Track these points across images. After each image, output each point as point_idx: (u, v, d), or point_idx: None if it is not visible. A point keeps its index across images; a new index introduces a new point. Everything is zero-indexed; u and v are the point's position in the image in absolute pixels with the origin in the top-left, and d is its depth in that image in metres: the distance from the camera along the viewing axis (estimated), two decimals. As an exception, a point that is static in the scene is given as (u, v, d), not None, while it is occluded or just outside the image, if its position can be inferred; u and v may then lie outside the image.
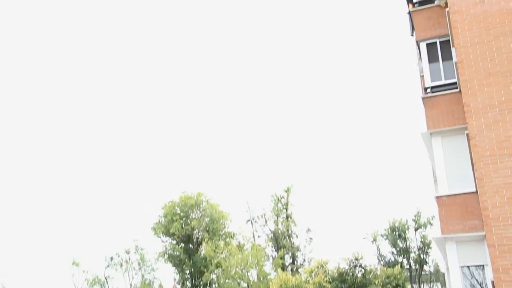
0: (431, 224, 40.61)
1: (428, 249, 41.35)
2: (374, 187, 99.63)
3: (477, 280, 16.57)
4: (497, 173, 13.53)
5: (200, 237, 43.81)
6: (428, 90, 17.32)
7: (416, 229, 41.61)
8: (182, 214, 43.83)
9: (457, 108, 15.96)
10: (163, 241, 44.13)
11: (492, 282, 13.49)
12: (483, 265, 15.76)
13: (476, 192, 14.79)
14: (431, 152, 17.39)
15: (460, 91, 15.69)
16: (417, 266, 41.92)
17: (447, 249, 16.05)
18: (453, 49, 15.99)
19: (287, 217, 44.20)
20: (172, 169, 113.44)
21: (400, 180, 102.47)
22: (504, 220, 13.08)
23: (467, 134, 14.84)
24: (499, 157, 13.60)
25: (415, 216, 41.65)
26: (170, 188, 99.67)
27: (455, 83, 16.67)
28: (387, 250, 42.42)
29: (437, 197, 16.37)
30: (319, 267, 30.68)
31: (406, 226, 41.53)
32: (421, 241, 41.45)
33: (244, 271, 38.99)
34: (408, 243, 41.57)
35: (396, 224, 41.51)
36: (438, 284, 45.71)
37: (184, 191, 45.21)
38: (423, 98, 16.97)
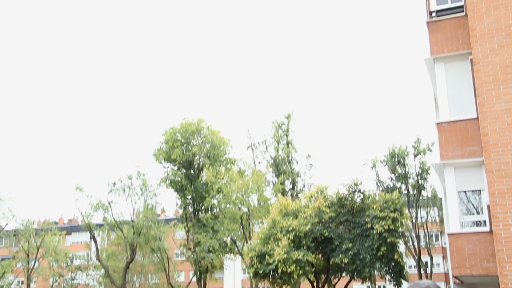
0: (430, 151, 40.90)
1: (426, 175, 41.83)
2: (375, 113, 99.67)
3: (473, 205, 16.90)
4: (499, 98, 13.44)
5: (201, 163, 44.24)
6: (433, 14, 16.88)
7: (415, 156, 41.92)
8: (183, 140, 44.01)
9: (462, 32, 15.62)
10: (164, 167, 44.64)
11: (488, 206, 13.74)
12: (480, 190, 16.02)
13: (477, 118, 14.78)
14: (434, 78, 17.23)
15: (466, 15, 15.30)
16: (415, 191, 42.60)
17: (445, 174, 16.26)
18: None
19: (287, 144, 44.47)
20: (173, 96, 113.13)
21: (401, 107, 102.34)
22: (503, 145, 13.13)
23: (471, 60, 14.63)
24: (502, 83, 13.45)
25: (415, 142, 41.86)
26: (171, 114, 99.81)
27: (462, 6, 16.22)
28: (386, 176, 42.99)
29: (438, 124, 16.38)
30: (319, 192, 31.09)
31: (406, 153, 41.80)
32: (420, 167, 41.87)
33: (244, 196, 39.64)
34: (407, 169, 42.01)
35: (396, 151, 41.77)
36: (435, 209, 46.72)
37: (185, 117, 45.21)
38: (428, 23, 16.59)
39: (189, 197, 44.49)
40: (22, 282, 55.67)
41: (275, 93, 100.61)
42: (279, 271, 27.88)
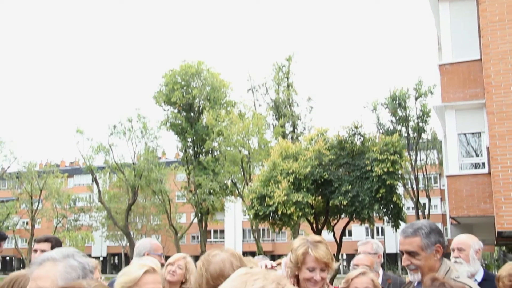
0: (432, 93, 40.52)
1: (427, 117, 41.63)
2: (377, 55, 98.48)
3: (472, 147, 16.91)
4: (504, 39, 13.15)
5: (201, 106, 44.05)
6: (439, -50, 16.32)
7: (416, 98, 41.59)
8: (183, 83, 43.65)
9: (468, -30, 15.15)
10: (164, 110, 44.49)
11: (487, 148, 13.72)
12: (480, 133, 15.99)
13: (480, 59, 14.55)
14: (438, 19, 16.88)
15: (472, -49, 14.78)
16: (415, 134, 42.54)
17: (446, 117, 16.19)
18: None
19: (288, 86, 44.08)
20: (173, 38, 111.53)
21: (404, 49, 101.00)
22: (505, 87, 12.95)
23: (476, -1, 14.22)
24: (508, 22, 13.12)
25: (416, 85, 41.42)
26: (171, 57, 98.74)
27: None
28: (387, 119, 42.81)
29: (440, 65, 16.17)
30: (319, 135, 31.03)
31: (407, 95, 41.43)
32: (421, 110, 41.62)
33: (245, 139, 39.66)
34: (407, 112, 41.77)
35: (397, 93, 41.40)
36: (435, 151, 46.87)
37: (185, 59, 44.69)
38: (432, -40, 16.06)
39: (190, 140, 44.60)
40: (27, 223, 56.69)
41: (276, 35, 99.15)
42: (279, 212, 28.25)
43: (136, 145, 44.44)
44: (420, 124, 42.39)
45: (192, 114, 44.27)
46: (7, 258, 65.10)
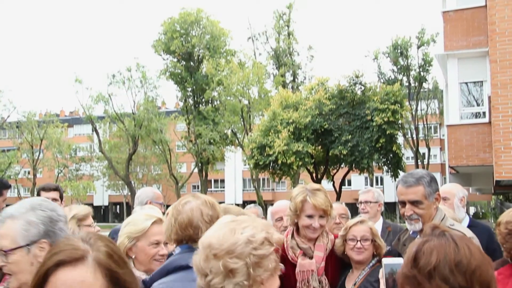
0: (434, 42, 39.92)
1: (429, 66, 41.17)
2: (379, 3, 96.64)
3: (474, 97, 16.83)
4: (510, -16, 12.85)
5: (201, 55, 43.54)
6: None
7: (418, 47, 41.01)
8: (182, 31, 42.97)
9: None
10: (164, 59, 44.00)
11: (489, 97, 13.65)
12: (482, 82, 15.89)
13: (485, 6, 14.27)
14: (442, -38, 16.45)
15: None
16: (417, 83, 42.22)
17: (448, 65, 16.04)
18: None
19: (288, 35, 43.42)
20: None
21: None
22: (510, 34, 12.76)
23: None
24: (514, -33, 12.79)
25: (418, 33, 40.74)
26: (169, 4, 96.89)
27: None
28: (388, 68, 42.32)
29: (444, 12, 15.88)
30: (319, 85, 30.87)
31: (409, 44, 40.84)
32: (423, 59, 41.12)
33: (245, 88, 39.44)
34: (409, 61, 41.27)
35: (399, 42, 40.80)
36: (435, 101, 46.67)
37: (183, 7, 43.85)
38: None
39: (189, 89, 44.35)
40: (29, 173, 57.11)
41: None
42: (279, 162, 28.43)
43: (135, 95, 44.28)
44: (422, 73, 42.00)
45: (191, 63, 43.83)
46: (11, 207, 66.45)
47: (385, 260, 2.38)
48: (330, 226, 4.87)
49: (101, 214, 63.84)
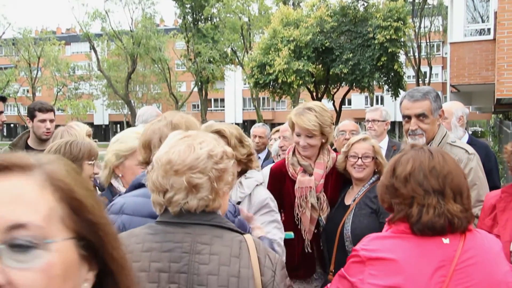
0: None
1: (434, -19, 40.14)
2: None
3: (479, 13, 16.45)
4: None
5: (199, -31, 42.24)
6: None
7: (424, -39, 39.73)
8: None
9: None
10: (161, -26, 42.81)
11: (495, 13, 13.30)
12: (489, -3, 15.44)
13: None
14: None
15: None
16: None
17: (454, -21, 15.53)
18: None
19: None
20: None
21: None
22: None
23: None
24: None
25: None
26: None
27: None
28: (392, -17, 41.13)
29: None
30: (321, 1, 30.16)
31: (414, -42, 39.51)
32: (428, -27, 39.96)
33: (245, 5, 38.60)
34: (414, -24, 40.11)
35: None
36: (440, 18, 45.66)
37: None
38: None
39: (188, 6, 43.24)
40: (28, 91, 56.83)
41: None
42: (279, 81, 28.26)
43: (133, 12, 43.29)
44: (426, -12, 40.86)
45: (190, -22, 42.52)
46: (11, 125, 66.61)
47: None
48: (340, 142, 4.92)
49: (101, 133, 64.31)
